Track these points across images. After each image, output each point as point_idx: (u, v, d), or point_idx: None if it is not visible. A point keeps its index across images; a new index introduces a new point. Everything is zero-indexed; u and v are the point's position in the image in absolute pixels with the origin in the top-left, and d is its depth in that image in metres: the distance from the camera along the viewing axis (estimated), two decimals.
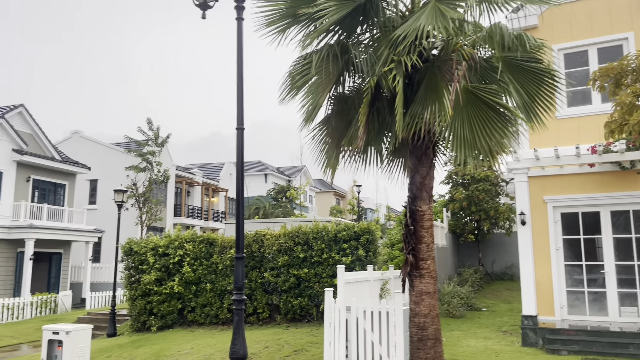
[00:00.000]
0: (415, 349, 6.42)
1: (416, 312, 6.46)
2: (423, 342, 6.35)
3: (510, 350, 10.77)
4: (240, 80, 7.49)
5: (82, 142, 33.42)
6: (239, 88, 7.49)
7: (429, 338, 6.35)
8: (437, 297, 6.58)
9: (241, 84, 7.47)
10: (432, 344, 6.36)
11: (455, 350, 10.75)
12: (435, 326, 6.43)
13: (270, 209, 40.78)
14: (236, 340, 6.81)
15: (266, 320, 13.08)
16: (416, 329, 6.43)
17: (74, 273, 27.90)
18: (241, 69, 7.46)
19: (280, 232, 13.43)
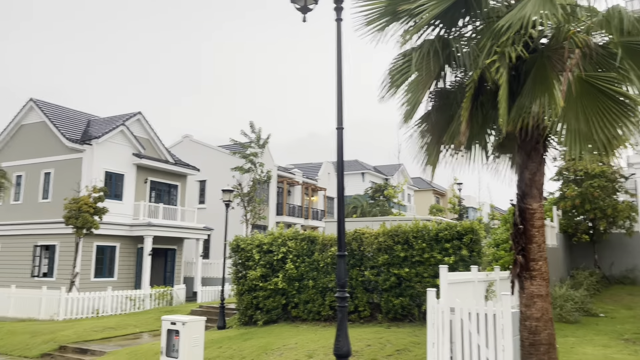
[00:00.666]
0: (526, 354, 6.11)
1: (527, 315, 6.14)
2: (535, 347, 6.03)
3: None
4: (340, 81, 7.58)
5: (191, 145, 35.70)
6: (339, 88, 7.59)
7: (541, 343, 6.02)
8: (550, 300, 6.22)
9: (341, 85, 7.57)
10: (545, 350, 6.01)
11: (570, 357, 10.08)
12: (548, 331, 6.07)
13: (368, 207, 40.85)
14: (340, 337, 6.91)
15: (367, 319, 13.13)
16: (527, 333, 6.12)
17: (187, 268, 29.91)
18: (341, 69, 7.56)
19: (380, 231, 13.40)
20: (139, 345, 13.90)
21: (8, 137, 27.06)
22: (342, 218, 7.44)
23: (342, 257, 7.30)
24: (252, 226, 27.89)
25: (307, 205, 41.14)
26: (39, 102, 26.28)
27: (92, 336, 15.43)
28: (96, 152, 24.37)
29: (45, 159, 25.41)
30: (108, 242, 24.48)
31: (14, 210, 25.64)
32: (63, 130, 24.79)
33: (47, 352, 14.14)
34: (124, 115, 27.52)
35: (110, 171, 25.07)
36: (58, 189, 24.49)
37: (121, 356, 12.62)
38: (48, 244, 24.23)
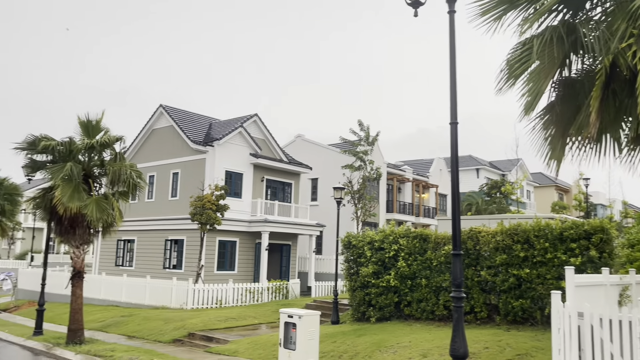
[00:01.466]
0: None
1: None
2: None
3: None
4: (454, 74, 7.37)
5: (304, 145, 36.77)
6: (452, 82, 7.38)
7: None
8: None
9: (454, 78, 7.35)
10: None
11: None
12: None
13: (484, 205, 39.21)
14: (456, 337, 6.74)
15: (484, 320, 12.63)
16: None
17: (300, 263, 30.89)
18: (454, 62, 7.34)
19: (497, 229, 12.81)
20: (258, 336, 14.65)
21: (142, 140, 29.86)
22: (457, 215, 7.24)
23: (457, 256, 7.11)
24: (362, 223, 28.08)
25: (417, 202, 40.47)
26: (167, 108, 28.67)
27: (216, 325, 16.54)
28: (217, 152, 26.04)
29: (173, 160, 27.68)
30: (229, 237, 26.05)
31: (148, 208, 28.25)
32: (188, 133, 26.82)
33: (178, 338, 15.40)
34: (242, 117, 29.09)
35: (230, 170, 26.64)
36: (184, 188, 26.56)
37: (242, 345, 13.38)
38: (177, 238, 26.38)
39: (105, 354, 12.93)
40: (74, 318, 14.85)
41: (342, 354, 11.29)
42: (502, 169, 50.68)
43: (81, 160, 15.46)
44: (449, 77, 7.45)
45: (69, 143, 15.14)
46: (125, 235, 28.59)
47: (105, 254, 30.30)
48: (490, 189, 40.34)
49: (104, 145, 15.40)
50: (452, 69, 7.39)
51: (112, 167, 15.15)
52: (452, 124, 7.39)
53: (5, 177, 26.27)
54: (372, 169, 28.79)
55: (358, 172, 28.57)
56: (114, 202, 15.13)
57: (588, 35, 5.91)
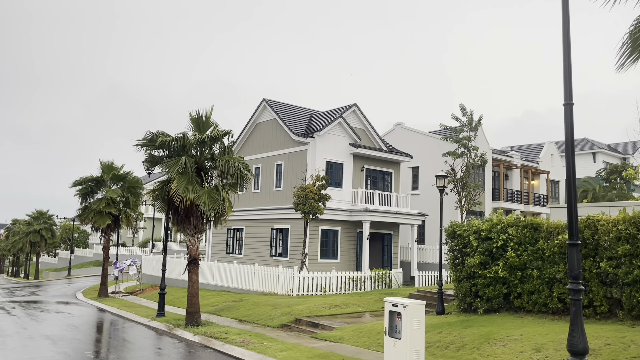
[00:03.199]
0: None
1: None
2: None
3: None
4: (567, 51, 6.88)
5: (403, 133, 36.30)
6: (566, 60, 6.89)
7: None
8: None
9: (569, 55, 6.86)
10: None
11: None
12: None
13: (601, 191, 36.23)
14: (574, 332, 6.34)
15: (604, 315, 11.73)
16: None
17: (402, 253, 30.66)
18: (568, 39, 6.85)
19: (619, 218, 11.80)
20: (362, 324, 14.80)
21: (247, 133, 31.22)
22: (573, 203, 6.78)
23: (574, 246, 6.66)
24: (466, 212, 27.18)
25: (527, 189, 38.34)
26: (270, 102, 29.68)
27: (321, 312, 16.95)
28: (318, 143, 26.53)
29: (276, 152, 28.66)
30: (331, 226, 26.51)
31: (254, 198, 29.56)
32: (290, 126, 27.59)
33: (286, 323, 16.01)
34: (341, 108, 29.34)
35: (331, 161, 27.03)
36: (287, 178, 27.41)
37: (347, 332, 13.61)
38: (282, 227, 27.34)
39: (220, 335, 13.80)
40: (191, 302, 15.98)
41: (448, 344, 11.09)
42: (622, 152, 46.48)
43: (194, 154, 16.52)
44: (563, 54, 6.97)
45: (183, 138, 16.24)
46: (235, 225, 30.16)
47: (216, 242, 32.21)
48: (609, 174, 37.12)
49: (214, 139, 16.33)
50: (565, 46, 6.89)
51: (222, 160, 16.03)
52: (566, 105, 6.91)
53: (129, 172, 28.91)
54: (476, 156, 27.71)
55: (461, 159, 27.64)
56: (224, 193, 16.02)
57: None
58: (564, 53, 6.91)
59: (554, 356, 9.26)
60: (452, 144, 28.51)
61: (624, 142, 47.08)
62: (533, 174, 39.27)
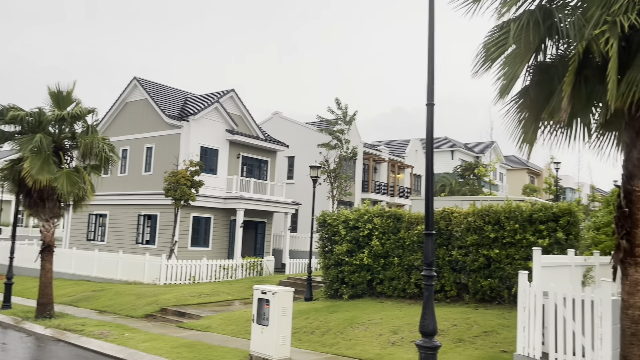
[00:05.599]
0: (627, 344, 5.75)
1: (630, 303, 5.76)
2: (638, 337, 5.66)
3: None
4: (432, 54, 7.39)
5: (281, 122, 36.56)
6: (430, 62, 7.41)
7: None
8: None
9: (432, 58, 7.38)
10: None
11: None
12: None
13: (457, 186, 39.77)
14: (426, 315, 6.89)
15: (454, 299, 12.95)
16: (630, 322, 5.75)
17: (275, 241, 30.99)
18: (432, 43, 7.36)
19: (469, 210, 13.06)
20: (231, 312, 14.72)
21: (115, 113, 29.23)
22: (430, 196, 7.34)
23: (430, 236, 7.22)
24: (337, 202, 28.26)
25: (393, 182, 40.83)
26: (141, 81, 28.07)
27: (189, 301, 16.55)
28: (193, 128, 25.70)
29: (147, 134, 27.22)
30: (203, 213, 25.92)
31: (121, 182, 27.84)
32: (163, 107, 26.36)
33: (151, 313, 15.38)
34: (218, 92, 28.70)
35: (206, 146, 26.36)
36: (158, 163, 26.21)
37: (215, 321, 13.45)
38: (150, 213, 26.12)
39: (75, 328, 12.83)
40: (43, 292, 14.66)
41: (314, 329, 11.46)
42: (476, 152, 51.38)
43: (51, 132, 15.08)
44: (427, 57, 7.48)
45: (39, 114, 14.75)
46: (98, 210, 28.18)
47: (76, 228, 29.85)
48: (464, 171, 40.89)
49: (75, 117, 15.04)
50: (430, 49, 7.40)
51: (84, 140, 14.83)
52: (428, 105, 7.43)
53: None
54: (348, 148, 28.87)
55: (334, 151, 28.61)
56: (85, 176, 14.85)
57: (564, 21, 5.97)
58: (429, 58, 7.42)
59: (409, 337, 10.02)
60: (326, 135, 29.38)
61: (478, 142, 52.07)
62: (399, 168, 41.90)
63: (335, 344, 10.36)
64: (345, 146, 28.85)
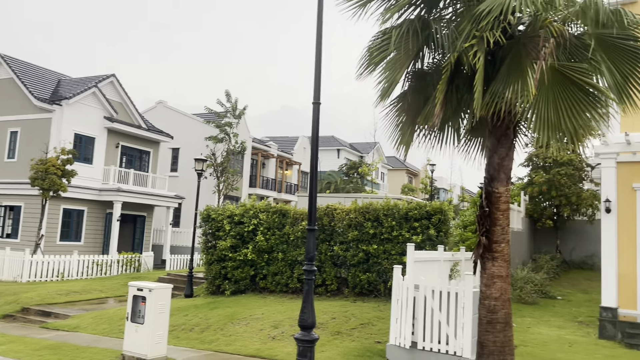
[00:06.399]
0: (483, 332, 6.34)
1: (487, 294, 6.36)
2: (492, 325, 6.26)
3: (586, 342, 10.37)
4: (319, 55, 7.54)
5: (166, 112, 35.07)
6: (317, 63, 7.55)
7: (498, 321, 6.25)
8: (509, 281, 6.43)
9: (319, 58, 7.52)
10: (501, 328, 6.25)
11: (526, 337, 10.50)
12: (505, 310, 6.30)
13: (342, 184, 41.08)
14: (305, 309, 7.03)
15: (334, 293, 13.35)
16: (486, 311, 6.34)
17: (156, 236, 29.71)
18: (320, 44, 7.50)
19: (351, 207, 13.55)
20: (104, 310, 13.87)
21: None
22: (314, 192, 7.49)
23: (311, 231, 7.37)
24: (224, 197, 27.81)
25: (281, 178, 41.11)
26: (6, 58, 25.33)
27: (56, 299, 15.30)
28: (66, 113, 23.73)
29: (12, 117, 24.62)
30: (76, 205, 24.07)
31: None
32: (32, 88, 24.01)
33: (9, 314, 13.98)
34: (97, 76, 26.79)
35: (81, 133, 24.49)
36: (25, 149, 23.83)
37: (85, 320, 12.58)
38: (13, 204, 23.70)
39: None
40: None
41: (193, 327, 11.18)
42: (361, 151, 53.43)
43: None
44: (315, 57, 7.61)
45: None
46: None
47: None
48: (349, 170, 42.34)
49: None
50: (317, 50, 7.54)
51: None
52: (314, 104, 7.57)
53: None
54: (236, 143, 28.50)
55: (222, 144, 28.09)
56: None
57: (439, 32, 6.42)
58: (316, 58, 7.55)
59: (289, 331, 10.15)
60: (214, 128, 28.74)
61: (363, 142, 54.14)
62: (287, 164, 42.29)
63: (214, 341, 10.19)
64: (234, 140, 28.46)
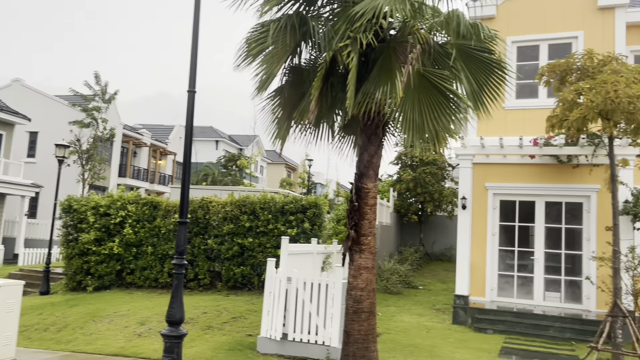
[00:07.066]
0: (349, 321, 6.62)
1: (354, 285, 6.64)
2: (358, 314, 6.56)
3: (441, 327, 11.29)
4: (196, 42, 7.28)
5: (23, 92, 31.69)
6: (194, 49, 7.28)
7: (363, 311, 6.56)
8: (375, 272, 6.78)
9: (196, 46, 7.27)
10: (366, 317, 6.57)
11: (390, 324, 11.16)
12: (370, 300, 6.64)
13: (220, 176, 40.36)
14: (174, 304, 6.78)
15: (207, 287, 13.09)
16: (352, 301, 6.62)
17: (7, 227, 26.77)
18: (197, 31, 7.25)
19: (228, 200, 13.36)
20: None
21: None
22: (186, 184, 7.23)
23: (183, 224, 7.12)
24: (89, 186, 25.86)
25: (154, 168, 39.29)
26: None
27: None
28: None
29: None
30: None
31: None
32: None
33: None
34: None
35: None
36: None
37: None
38: None
39: None
40: None
41: (49, 326, 10.27)
42: (240, 144, 52.92)
43: None
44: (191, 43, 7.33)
45: None
46: None
47: None
48: (227, 162, 41.71)
49: None
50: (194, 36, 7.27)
51: None
52: (189, 92, 7.31)
53: None
54: (105, 129, 26.63)
55: (88, 129, 26.07)
56: None
57: (317, 30, 6.55)
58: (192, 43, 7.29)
59: (157, 327, 9.75)
60: (80, 112, 26.58)
61: (242, 135, 53.67)
62: (161, 154, 40.52)
63: (72, 340, 9.45)
64: (102, 126, 26.54)
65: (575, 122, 8.26)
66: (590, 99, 8.05)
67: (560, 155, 11.80)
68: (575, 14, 12.35)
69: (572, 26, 12.38)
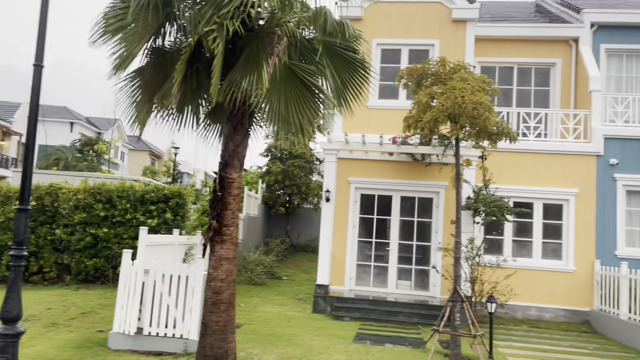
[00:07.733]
0: (208, 312, 6.49)
1: (213, 276, 6.52)
2: (217, 305, 6.45)
3: (302, 317, 11.59)
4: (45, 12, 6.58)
5: None
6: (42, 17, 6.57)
7: (222, 302, 6.47)
8: (236, 263, 6.72)
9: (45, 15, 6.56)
10: (225, 308, 6.49)
11: (251, 315, 11.19)
12: (230, 291, 6.57)
13: (74, 161, 37.18)
14: (10, 299, 6.07)
15: (53, 281, 12.01)
16: (212, 293, 6.50)
17: None
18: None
19: (80, 187, 12.37)
20: None
21: None
22: (28, 166, 6.51)
23: (23, 212, 6.40)
24: None
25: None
26: None
27: None
28: None
29: None
30: None
31: None
32: None
33: None
34: None
35: None
36: None
37: None
38: None
39: None
40: None
41: None
42: (99, 127, 49.24)
43: None
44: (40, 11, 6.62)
45: None
46: None
47: None
48: (84, 146, 38.58)
49: None
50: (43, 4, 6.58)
51: None
52: (36, 66, 6.57)
53: None
54: None
55: None
56: None
57: (182, 12, 6.27)
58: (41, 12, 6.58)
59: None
60: None
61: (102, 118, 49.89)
62: (4, 134, 36.25)
63: None
64: None
65: (428, 124, 8.94)
66: (442, 103, 8.77)
67: (415, 154, 12.73)
68: (433, 24, 13.37)
69: (430, 34, 13.38)
